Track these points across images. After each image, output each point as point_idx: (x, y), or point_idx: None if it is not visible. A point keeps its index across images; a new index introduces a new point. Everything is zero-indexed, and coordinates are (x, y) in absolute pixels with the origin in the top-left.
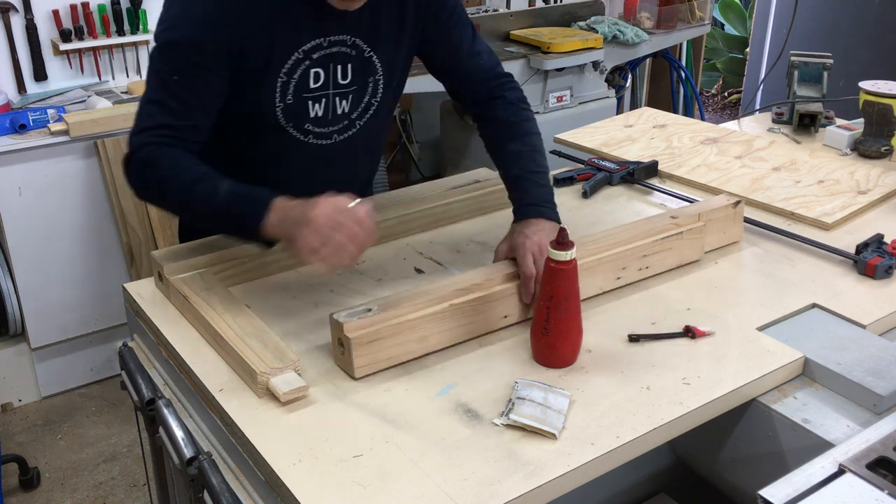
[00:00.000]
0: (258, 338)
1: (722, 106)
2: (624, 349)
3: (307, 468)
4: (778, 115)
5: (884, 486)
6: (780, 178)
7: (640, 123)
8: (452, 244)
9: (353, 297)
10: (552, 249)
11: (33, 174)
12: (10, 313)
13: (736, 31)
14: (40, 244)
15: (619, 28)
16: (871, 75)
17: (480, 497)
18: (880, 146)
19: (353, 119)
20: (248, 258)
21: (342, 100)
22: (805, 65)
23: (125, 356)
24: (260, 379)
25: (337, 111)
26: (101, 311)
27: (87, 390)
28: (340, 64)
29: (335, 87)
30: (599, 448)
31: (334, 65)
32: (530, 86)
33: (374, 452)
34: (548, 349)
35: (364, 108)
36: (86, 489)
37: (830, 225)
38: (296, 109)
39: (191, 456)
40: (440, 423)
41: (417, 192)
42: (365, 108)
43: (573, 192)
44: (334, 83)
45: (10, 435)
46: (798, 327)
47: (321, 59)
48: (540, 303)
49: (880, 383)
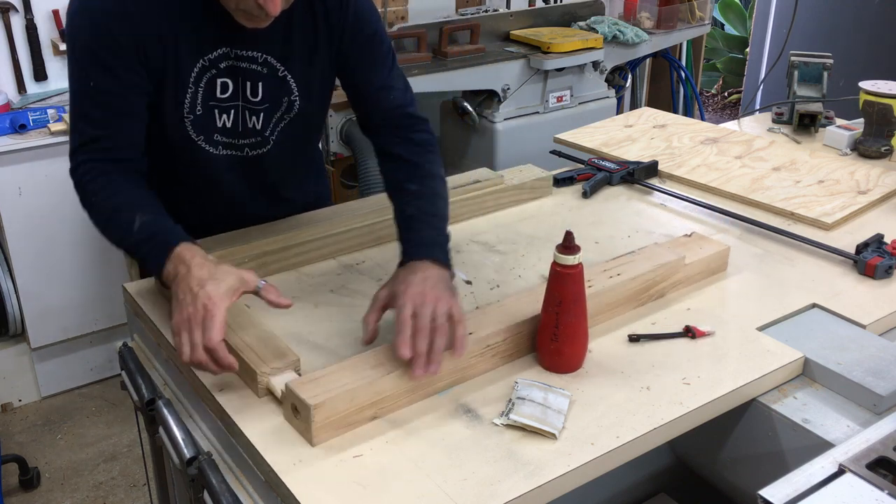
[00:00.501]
0: (258, 338)
1: (722, 106)
2: (624, 349)
3: (307, 468)
4: (778, 115)
5: (884, 486)
6: (780, 178)
7: (640, 123)
8: (453, 244)
9: (353, 297)
10: (558, 254)
11: (33, 174)
12: (10, 313)
13: (736, 31)
14: (40, 244)
15: (619, 28)
16: (871, 75)
17: (480, 497)
18: (880, 146)
19: (265, 136)
20: (248, 258)
21: (252, 115)
22: (805, 65)
23: (125, 356)
24: (260, 379)
25: (248, 125)
26: (101, 311)
27: (87, 390)
28: (251, 80)
29: (244, 100)
30: (599, 448)
31: (244, 79)
32: (530, 86)
33: (374, 452)
34: (557, 354)
35: (275, 123)
36: (86, 489)
37: (830, 225)
38: (204, 120)
39: (191, 456)
40: (440, 423)
41: None
42: (276, 122)
43: (573, 192)
44: (244, 97)
45: (10, 435)
46: (798, 327)
47: (228, 69)
48: (548, 308)
49: (880, 383)
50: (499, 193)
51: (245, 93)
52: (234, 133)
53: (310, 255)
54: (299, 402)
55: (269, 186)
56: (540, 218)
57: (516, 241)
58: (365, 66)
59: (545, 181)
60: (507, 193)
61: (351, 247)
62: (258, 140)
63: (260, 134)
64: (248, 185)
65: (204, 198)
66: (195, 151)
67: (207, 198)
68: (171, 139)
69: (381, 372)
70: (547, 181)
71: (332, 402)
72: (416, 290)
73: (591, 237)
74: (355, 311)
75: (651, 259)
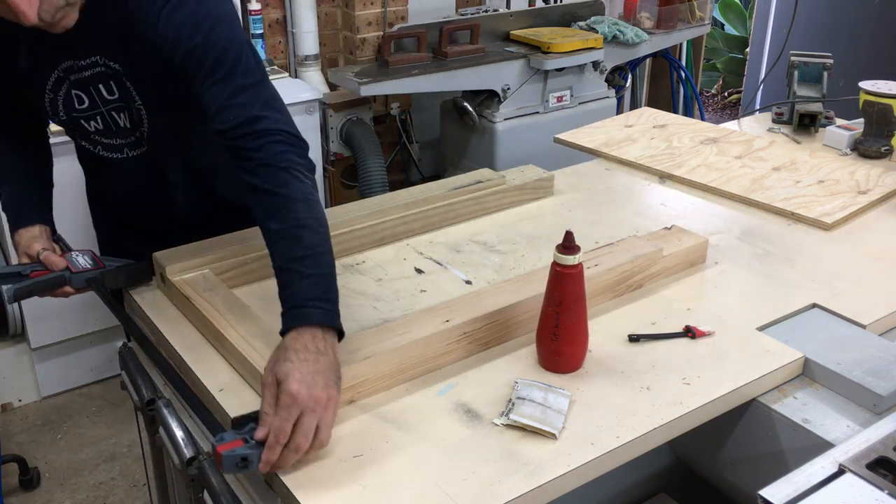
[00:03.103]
0: (261, 338)
1: (722, 106)
2: (624, 349)
3: (307, 468)
4: (778, 115)
5: (884, 486)
6: (780, 178)
7: (640, 123)
8: (452, 244)
9: (353, 296)
10: (558, 254)
11: None
12: (10, 313)
13: (736, 31)
14: None
15: (619, 28)
16: (871, 75)
17: (480, 497)
18: (880, 146)
19: (137, 136)
20: (251, 259)
21: (120, 113)
22: (805, 65)
23: (125, 356)
24: None
25: (119, 124)
26: (101, 311)
27: (87, 390)
28: (102, 82)
29: (105, 104)
30: (599, 448)
31: (94, 86)
32: (530, 86)
33: (374, 452)
34: (557, 354)
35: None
36: (86, 489)
37: (830, 225)
38: (72, 125)
39: (191, 456)
40: (440, 423)
41: (419, 192)
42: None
43: (573, 192)
44: (102, 100)
45: (10, 435)
46: (798, 327)
47: (79, 81)
48: (547, 309)
49: (880, 383)
50: (501, 194)
51: (102, 95)
52: (110, 133)
53: None
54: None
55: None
56: (540, 218)
57: (516, 241)
58: (196, 83)
59: (547, 181)
60: (509, 194)
61: (351, 247)
62: (134, 139)
63: (132, 133)
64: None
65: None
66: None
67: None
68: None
69: (356, 357)
70: (549, 181)
71: None
72: (278, 369)
73: (591, 237)
74: (355, 311)
75: (629, 250)
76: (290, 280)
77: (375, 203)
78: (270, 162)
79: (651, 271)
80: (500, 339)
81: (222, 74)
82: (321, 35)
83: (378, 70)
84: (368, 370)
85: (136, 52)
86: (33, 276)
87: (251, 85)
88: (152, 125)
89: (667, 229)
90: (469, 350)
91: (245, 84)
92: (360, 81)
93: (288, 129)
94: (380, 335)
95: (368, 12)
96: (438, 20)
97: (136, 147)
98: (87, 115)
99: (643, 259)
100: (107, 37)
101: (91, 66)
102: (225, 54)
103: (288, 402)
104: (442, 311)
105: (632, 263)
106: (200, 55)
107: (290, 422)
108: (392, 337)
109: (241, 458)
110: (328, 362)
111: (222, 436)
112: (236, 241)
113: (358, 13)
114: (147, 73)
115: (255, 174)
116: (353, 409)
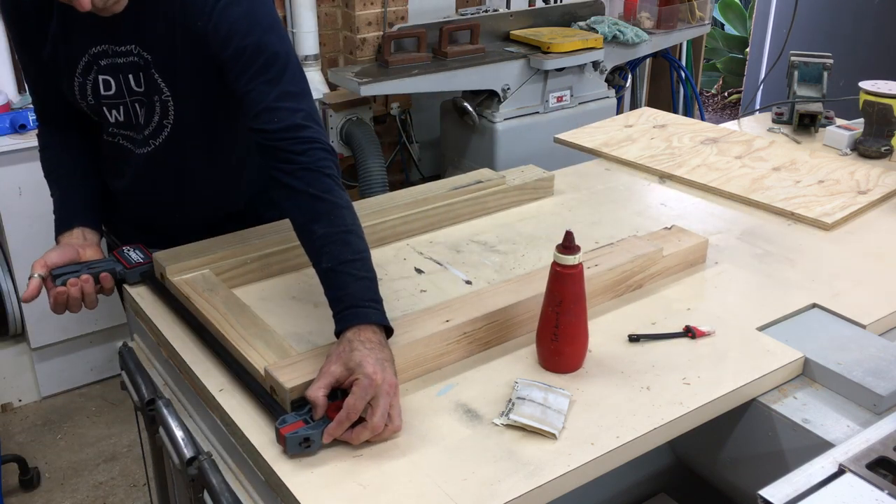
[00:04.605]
0: (260, 337)
1: (722, 106)
2: (624, 349)
3: (307, 468)
4: (778, 115)
5: (884, 486)
6: (780, 178)
7: (640, 123)
8: (452, 244)
9: None
10: (558, 254)
11: (33, 174)
12: (10, 313)
13: (736, 31)
14: (40, 244)
15: (619, 28)
16: (871, 75)
17: (480, 497)
18: (880, 146)
19: (154, 129)
20: (250, 259)
21: (141, 107)
22: (805, 65)
23: (125, 356)
24: (263, 377)
25: (140, 118)
26: (101, 311)
27: (87, 390)
28: (132, 72)
29: (130, 94)
30: (599, 448)
31: (124, 74)
32: (530, 86)
33: (374, 452)
34: (557, 354)
35: (158, 125)
36: (86, 489)
37: (830, 225)
38: (97, 112)
39: (191, 456)
40: (440, 423)
41: (419, 192)
42: (159, 126)
43: (573, 192)
44: (129, 90)
45: (10, 435)
46: (798, 327)
47: (109, 67)
48: (547, 309)
49: (880, 383)
50: (501, 194)
51: (130, 85)
52: (129, 126)
53: None
54: (277, 384)
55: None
56: (540, 218)
57: (516, 241)
58: (242, 81)
59: (547, 181)
60: (509, 194)
61: None
62: (150, 132)
63: (149, 126)
64: (163, 183)
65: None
66: (107, 143)
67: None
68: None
69: None
70: (549, 181)
71: (308, 386)
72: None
73: (592, 237)
74: None
75: (629, 250)
76: (343, 282)
77: (375, 203)
78: (315, 168)
79: (651, 271)
80: (501, 340)
81: (271, 76)
82: (321, 35)
83: (378, 70)
84: None
85: (177, 42)
86: None
87: (298, 93)
88: (179, 117)
89: (667, 229)
90: (469, 350)
91: (292, 91)
92: (360, 81)
93: (328, 144)
94: None
95: (368, 12)
96: (438, 20)
97: (154, 140)
98: (111, 103)
99: (643, 259)
100: (149, 25)
101: (125, 53)
102: (276, 58)
103: (366, 383)
104: (442, 311)
105: (632, 263)
106: (252, 54)
107: (364, 401)
108: (392, 337)
109: (303, 439)
110: (390, 354)
111: (284, 418)
112: (236, 242)
113: (358, 13)
114: (184, 65)
115: (296, 177)
116: None
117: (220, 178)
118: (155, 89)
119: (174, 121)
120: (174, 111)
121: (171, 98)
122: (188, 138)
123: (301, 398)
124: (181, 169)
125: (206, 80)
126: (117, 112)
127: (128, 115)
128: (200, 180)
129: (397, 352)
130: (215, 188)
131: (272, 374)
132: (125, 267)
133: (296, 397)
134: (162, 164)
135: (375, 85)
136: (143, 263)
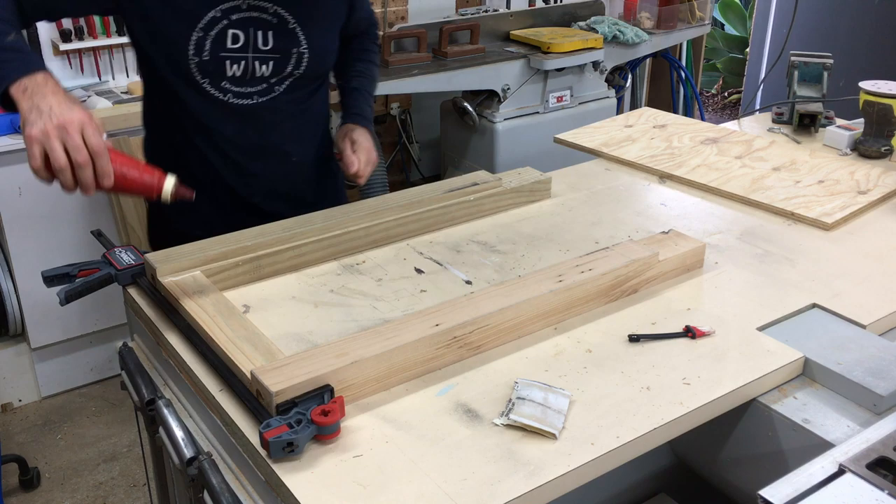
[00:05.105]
0: (249, 340)
1: (722, 106)
2: (624, 349)
3: (307, 468)
4: (778, 115)
5: (884, 486)
6: (780, 178)
7: (640, 123)
8: (452, 244)
9: (352, 296)
10: None
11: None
12: (10, 313)
13: (736, 31)
14: (40, 244)
15: (619, 28)
16: (871, 75)
17: (480, 497)
18: (880, 146)
19: (272, 83)
20: (242, 262)
21: (262, 64)
22: (805, 65)
23: (125, 356)
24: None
25: (256, 73)
26: (101, 311)
27: (87, 390)
28: (261, 30)
29: (255, 50)
30: (599, 448)
31: (254, 29)
32: (530, 86)
33: (374, 452)
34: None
35: (286, 76)
36: (86, 489)
37: (830, 225)
38: (213, 66)
39: (191, 456)
40: (440, 423)
41: (415, 194)
42: (287, 76)
43: (574, 193)
44: (254, 47)
45: (10, 435)
46: (798, 327)
47: (240, 21)
48: None
49: (880, 383)
50: (497, 197)
51: (256, 42)
52: (243, 81)
53: (310, 255)
54: (263, 388)
55: (270, 139)
56: (540, 218)
57: (516, 241)
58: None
59: (544, 184)
60: (506, 197)
61: (351, 247)
62: (264, 87)
63: (266, 80)
64: (250, 135)
65: (204, 147)
66: (199, 95)
67: (207, 147)
68: (173, 82)
69: (344, 361)
70: (545, 184)
71: (293, 390)
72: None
73: (591, 237)
74: (355, 312)
75: (624, 255)
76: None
77: (375, 203)
78: (375, 39)
79: (647, 276)
80: (493, 343)
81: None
82: None
83: None
84: (355, 374)
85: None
86: (80, 275)
87: None
88: (310, 69)
89: (664, 233)
90: (460, 354)
91: None
92: None
93: None
94: (368, 339)
95: None
96: (438, 20)
97: (266, 94)
98: (234, 56)
99: (639, 263)
100: None
101: (262, 9)
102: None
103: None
104: (432, 315)
105: (627, 268)
106: None
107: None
108: (380, 340)
109: (287, 444)
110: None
111: (268, 422)
112: (228, 244)
113: None
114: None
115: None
116: (352, 408)
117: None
118: (291, 44)
119: (303, 72)
120: (307, 64)
121: (307, 50)
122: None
123: (287, 402)
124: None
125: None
126: (237, 66)
127: (245, 70)
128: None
129: (388, 354)
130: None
131: (258, 377)
132: (116, 269)
133: (281, 401)
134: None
135: None
136: (134, 265)
